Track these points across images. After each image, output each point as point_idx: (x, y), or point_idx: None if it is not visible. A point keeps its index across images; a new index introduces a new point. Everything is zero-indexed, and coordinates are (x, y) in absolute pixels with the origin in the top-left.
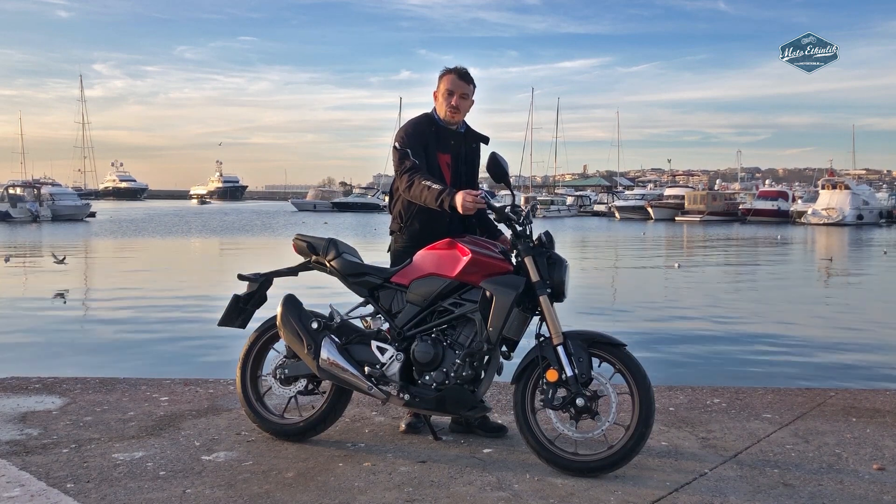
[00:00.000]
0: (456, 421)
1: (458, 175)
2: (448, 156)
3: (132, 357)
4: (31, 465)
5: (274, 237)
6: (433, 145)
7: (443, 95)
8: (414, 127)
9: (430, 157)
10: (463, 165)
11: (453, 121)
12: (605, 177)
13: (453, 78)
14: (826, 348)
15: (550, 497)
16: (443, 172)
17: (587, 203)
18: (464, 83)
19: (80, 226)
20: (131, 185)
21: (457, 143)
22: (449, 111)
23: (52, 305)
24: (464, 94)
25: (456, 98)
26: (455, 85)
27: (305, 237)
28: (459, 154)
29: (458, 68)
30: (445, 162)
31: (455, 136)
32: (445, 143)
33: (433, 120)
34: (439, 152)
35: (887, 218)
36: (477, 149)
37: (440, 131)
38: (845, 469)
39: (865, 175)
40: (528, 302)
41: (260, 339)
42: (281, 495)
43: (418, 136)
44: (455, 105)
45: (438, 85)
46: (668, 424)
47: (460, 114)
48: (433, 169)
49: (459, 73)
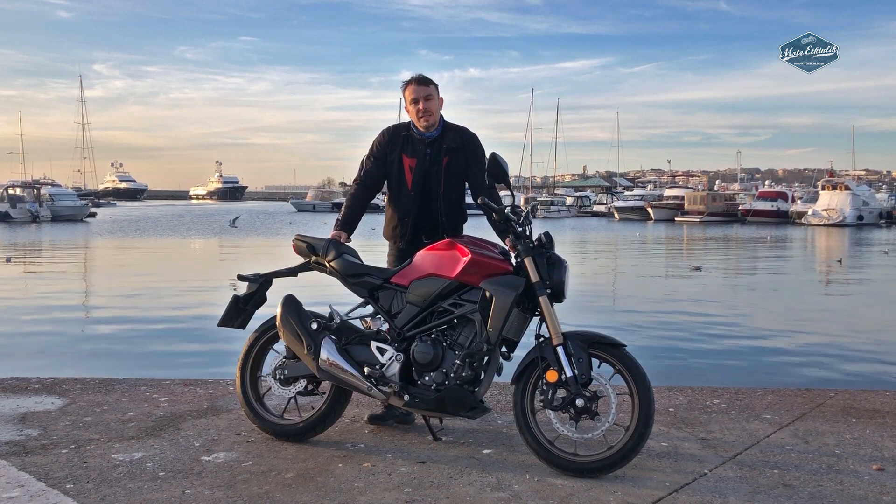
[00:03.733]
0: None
1: (421, 177)
2: (414, 159)
3: (132, 357)
4: (31, 466)
5: (269, 238)
6: (401, 149)
7: (411, 106)
8: (384, 133)
9: (395, 161)
10: (434, 166)
11: (426, 125)
12: (605, 177)
13: (413, 87)
14: (826, 348)
15: (550, 498)
16: (405, 174)
17: (587, 204)
18: (423, 87)
19: (80, 226)
20: (131, 186)
21: (424, 147)
22: (422, 118)
23: (52, 306)
24: (427, 96)
25: (422, 103)
26: (416, 92)
27: (305, 238)
28: (427, 157)
29: (415, 76)
30: (409, 165)
31: (424, 143)
32: (414, 147)
33: (408, 126)
34: (405, 155)
35: (887, 219)
36: (456, 148)
37: (410, 137)
38: (845, 470)
39: (865, 176)
40: (527, 302)
41: (260, 339)
42: (281, 496)
43: (385, 141)
44: (422, 109)
45: (405, 99)
46: (668, 425)
47: (432, 115)
48: (394, 172)
49: (417, 80)
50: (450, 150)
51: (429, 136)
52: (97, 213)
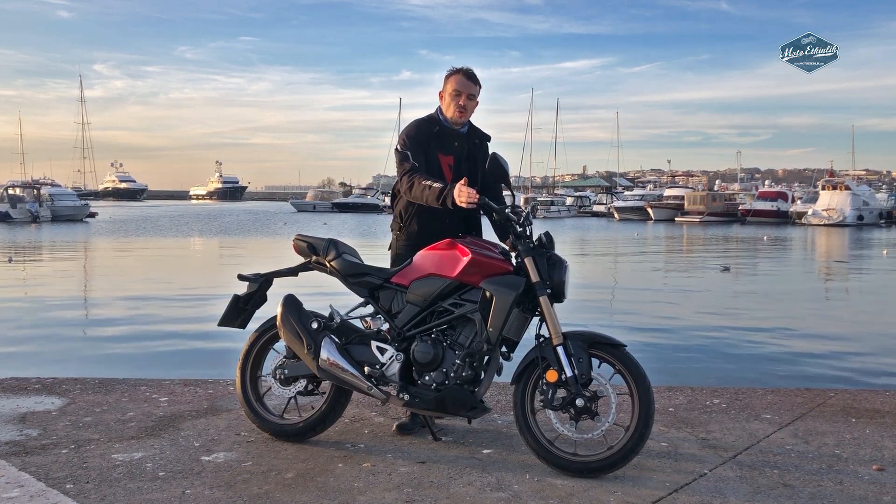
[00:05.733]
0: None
1: (460, 176)
2: (451, 157)
3: (132, 357)
4: (31, 466)
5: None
6: (435, 146)
7: (450, 95)
8: (416, 129)
9: (432, 159)
10: (465, 164)
11: (460, 121)
12: (605, 177)
13: (461, 78)
14: (826, 348)
15: (550, 498)
16: (444, 173)
17: (587, 204)
18: (471, 84)
19: (80, 226)
20: (131, 186)
21: (460, 143)
22: (457, 111)
23: (51, 306)
24: (471, 94)
25: (464, 98)
26: (463, 85)
27: (305, 237)
28: (462, 154)
29: (466, 69)
30: (448, 163)
31: (458, 137)
32: (448, 144)
33: (437, 121)
34: (441, 153)
35: (887, 219)
36: (480, 146)
37: (443, 132)
38: (845, 470)
39: (865, 176)
40: (527, 302)
41: (260, 339)
42: (280, 496)
43: (419, 138)
44: (463, 105)
45: (445, 85)
46: (668, 425)
47: (467, 114)
48: (434, 170)
49: (467, 74)
50: (478, 147)
51: (462, 131)
52: (98, 213)
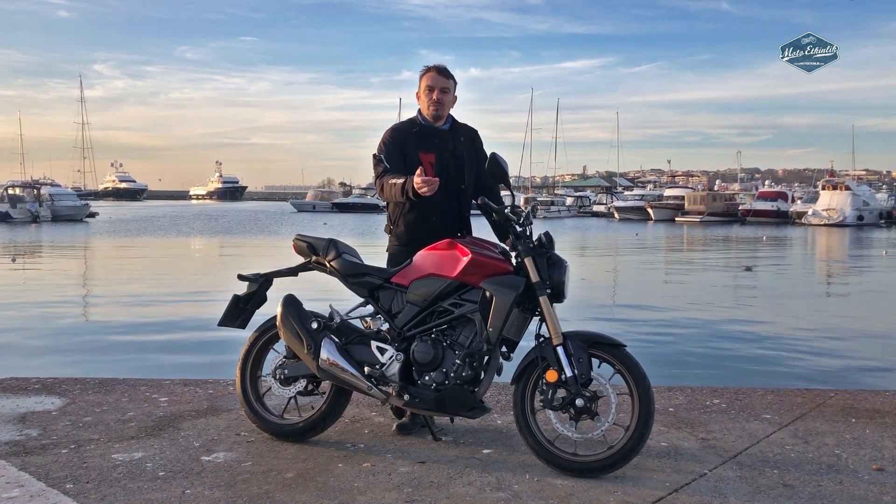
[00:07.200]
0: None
1: (443, 172)
2: (432, 154)
3: (132, 357)
4: (31, 466)
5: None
6: (415, 146)
7: (424, 93)
8: (392, 132)
9: (411, 158)
10: (451, 161)
11: (438, 115)
12: (605, 177)
13: (433, 74)
14: (826, 348)
15: (550, 498)
16: (427, 172)
17: (587, 204)
18: (443, 78)
19: (80, 226)
20: (131, 186)
21: (441, 140)
22: (432, 106)
23: (51, 306)
24: (444, 88)
25: (437, 93)
26: (435, 80)
27: (305, 237)
28: (445, 151)
29: (437, 65)
30: (429, 161)
31: (438, 134)
32: (429, 142)
33: (416, 121)
34: (422, 152)
35: (887, 219)
36: (468, 143)
37: (423, 131)
38: (845, 470)
39: (865, 176)
40: (527, 302)
41: (260, 339)
42: (280, 496)
43: (396, 139)
44: (436, 99)
45: (420, 84)
46: (668, 425)
47: (444, 108)
48: (415, 169)
49: (438, 70)
50: (465, 144)
51: (443, 128)
52: (98, 213)
